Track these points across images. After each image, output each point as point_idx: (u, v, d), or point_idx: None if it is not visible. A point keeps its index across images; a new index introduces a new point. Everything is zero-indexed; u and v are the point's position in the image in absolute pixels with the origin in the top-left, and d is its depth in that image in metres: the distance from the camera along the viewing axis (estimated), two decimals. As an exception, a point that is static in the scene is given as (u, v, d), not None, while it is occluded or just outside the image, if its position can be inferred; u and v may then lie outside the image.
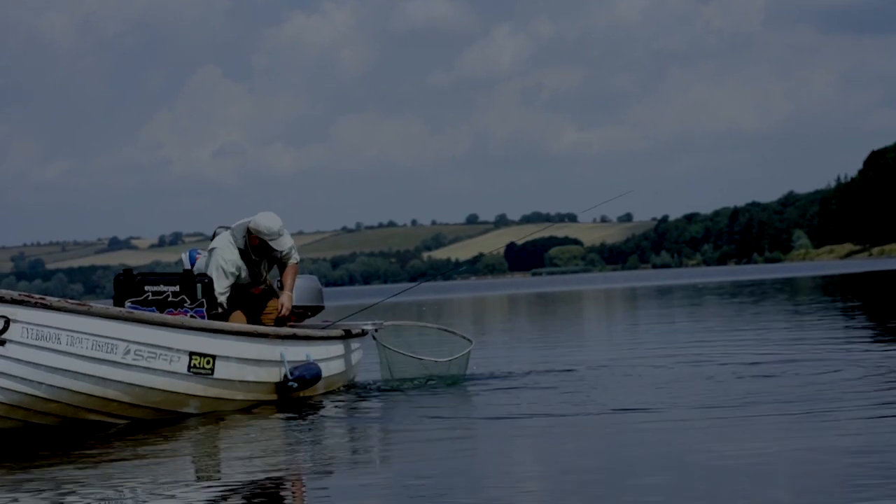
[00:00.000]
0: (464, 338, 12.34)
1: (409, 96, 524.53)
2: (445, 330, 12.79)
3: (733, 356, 12.91)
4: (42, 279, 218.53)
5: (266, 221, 10.78)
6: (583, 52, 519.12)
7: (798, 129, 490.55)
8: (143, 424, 9.33)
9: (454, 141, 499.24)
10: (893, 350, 12.64)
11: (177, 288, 9.99)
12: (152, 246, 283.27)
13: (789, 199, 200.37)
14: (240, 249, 10.80)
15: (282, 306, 10.91)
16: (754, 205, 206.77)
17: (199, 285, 10.06)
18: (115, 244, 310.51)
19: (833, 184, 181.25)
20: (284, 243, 10.91)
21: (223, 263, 10.64)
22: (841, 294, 31.17)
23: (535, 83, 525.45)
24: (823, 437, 7.36)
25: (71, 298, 9.03)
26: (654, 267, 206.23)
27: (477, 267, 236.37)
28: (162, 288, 9.95)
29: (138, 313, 9.20)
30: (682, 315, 25.32)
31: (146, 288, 9.92)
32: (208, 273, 10.53)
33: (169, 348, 9.26)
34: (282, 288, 11.08)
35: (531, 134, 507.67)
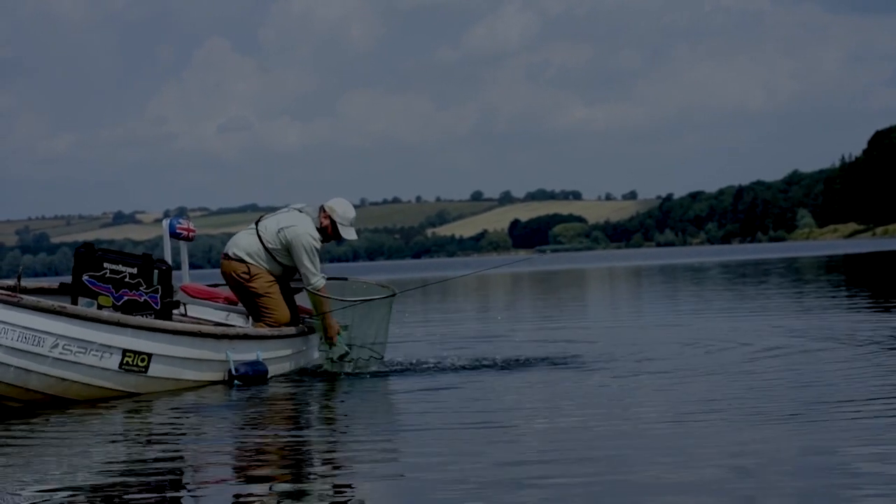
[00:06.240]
0: (385, 287, 11.32)
1: (415, 72, 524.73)
2: (368, 283, 11.56)
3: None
4: (47, 253, 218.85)
5: (345, 205, 10.74)
6: (590, 28, 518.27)
7: (803, 107, 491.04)
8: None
9: (460, 117, 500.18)
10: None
11: (135, 270, 9.69)
12: (157, 220, 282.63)
13: (794, 178, 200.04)
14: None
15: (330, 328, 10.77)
16: (759, 183, 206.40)
17: (156, 271, 9.76)
18: (119, 218, 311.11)
19: (837, 163, 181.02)
20: (351, 234, 10.77)
21: (315, 242, 10.55)
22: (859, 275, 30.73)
23: (542, 59, 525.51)
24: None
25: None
26: (658, 245, 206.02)
27: (481, 244, 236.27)
28: (121, 268, 9.66)
29: (71, 308, 8.94)
30: (688, 297, 24.81)
31: (105, 265, 9.62)
32: (298, 255, 10.47)
33: (101, 345, 9.00)
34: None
35: (537, 110, 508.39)
